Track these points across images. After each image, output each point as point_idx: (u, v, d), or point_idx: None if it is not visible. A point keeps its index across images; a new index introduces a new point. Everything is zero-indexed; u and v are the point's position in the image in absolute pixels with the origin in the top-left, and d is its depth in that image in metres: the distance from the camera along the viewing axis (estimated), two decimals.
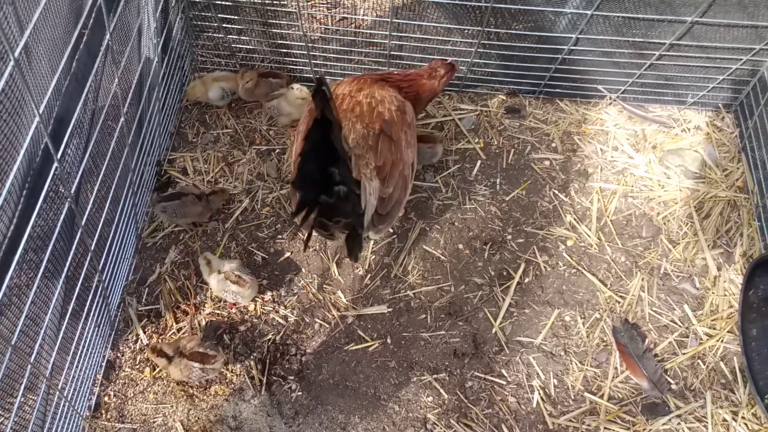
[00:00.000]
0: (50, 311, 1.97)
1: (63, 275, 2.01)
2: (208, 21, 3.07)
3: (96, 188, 2.16)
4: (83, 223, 2.06)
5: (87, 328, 2.31)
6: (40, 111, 1.56)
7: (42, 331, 1.92)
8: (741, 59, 2.97)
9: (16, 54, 1.39)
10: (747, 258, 2.92)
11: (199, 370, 2.42)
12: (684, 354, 2.68)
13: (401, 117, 2.49)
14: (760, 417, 2.53)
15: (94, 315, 2.37)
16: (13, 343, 1.70)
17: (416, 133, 2.64)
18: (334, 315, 2.74)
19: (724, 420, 2.54)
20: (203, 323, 2.68)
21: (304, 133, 2.03)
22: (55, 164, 1.74)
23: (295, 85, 3.10)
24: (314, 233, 2.26)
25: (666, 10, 2.68)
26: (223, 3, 2.90)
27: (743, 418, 2.54)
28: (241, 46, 3.22)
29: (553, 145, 3.28)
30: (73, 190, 1.93)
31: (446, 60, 2.76)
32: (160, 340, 2.60)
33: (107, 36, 2.00)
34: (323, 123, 1.88)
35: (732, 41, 2.85)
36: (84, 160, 2.01)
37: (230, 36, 3.14)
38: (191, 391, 2.54)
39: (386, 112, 2.45)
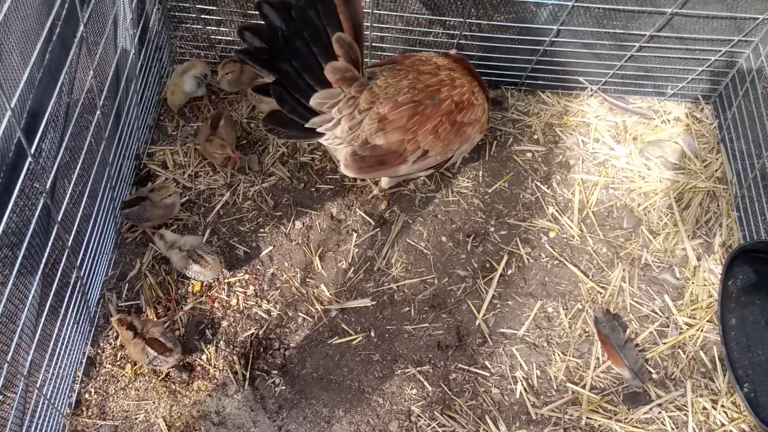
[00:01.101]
0: (27, 308, 1.93)
1: (40, 272, 1.97)
2: (186, 12, 3.01)
3: (73, 183, 2.12)
4: (59, 218, 2.02)
5: (66, 325, 2.28)
6: (12, 105, 1.53)
7: (19, 329, 1.89)
8: (720, 51, 2.99)
9: None
10: (726, 248, 2.95)
11: (152, 358, 2.39)
12: (664, 343, 2.71)
13: (450, 109, 2.47)
14: (740, 405, 2.57)
15: (72, 311, 2.33)
16: None
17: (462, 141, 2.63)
18: (317, 309, 2.72)
19: (704, 408, 2.58)
20: (185, 318, 2.65)
21: None
22: (29, 159, 1.71)
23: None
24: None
25: (646, 1, 2.69)
26: None
27: (723, 406, 2.58)
28: (220, 37, 3.17)
29: (535, 137, 3.28)
30: (48, 186, 1.89)
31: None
32: (131, 315, 2.58)
33: (81, 27, 1.96)
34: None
35: (711, 33, 2.87)
36: (59, 154, 1.97)
37: (209, 27, 3.09)
38: (173, 387, 2.51)
39: (444, 95, 2.45)
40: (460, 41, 3.01)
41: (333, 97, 2.26)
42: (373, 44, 3.07)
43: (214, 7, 2.96)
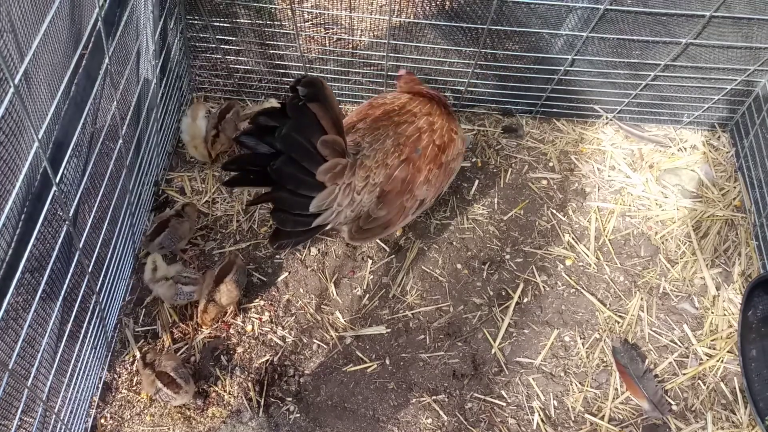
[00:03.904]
0: (47, 333, 1.96)
1: (60, 297, 2.00)
2: (206, 42, 3.08)
3: (94, 210, 2.16)
4: (81, 245, 2.05)
5: (84, 350, 2.30)
6: (39, 136, 1.57)
7: (39, 354, 1.91)
8: (736, 79, 2.99)
9: (16, 81, 1.39)
10: (746, 277, 2.92)
11: (162, 392, 2.40)
12: (684, 374, 2.67)
13: (435, 154, 2.48)
14: None
15: (90, 336, 2.35)
16: (10, 366, 1.69)
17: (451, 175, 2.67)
18: (332, 336, 2.72)
19: None
20: (201, 344, 2.66)
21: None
22: (54, 188, 1.74)
23: (271, 100, 3.15)
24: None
25: (661, 31, 2.71)
26: (221, 24, 2.92)
27: None
28: (239, 66, 3.23)
29: (551, 164, 3.29)
30: (71, 213, 1.93)
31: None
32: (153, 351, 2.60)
33: (106, 60, 2.01)
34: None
35: (727, 61, 2.87)
36: (82, 182, 2.01)
37: (228, 57, 3.16)
38: (188, 413, 2.51)
39: (425, 142, 2.45)
40: (476, 70, 3.04)
41: (330, 195, 2.19)
42: (389, 74, 3.11)
43: (233, 38, 3.03)
